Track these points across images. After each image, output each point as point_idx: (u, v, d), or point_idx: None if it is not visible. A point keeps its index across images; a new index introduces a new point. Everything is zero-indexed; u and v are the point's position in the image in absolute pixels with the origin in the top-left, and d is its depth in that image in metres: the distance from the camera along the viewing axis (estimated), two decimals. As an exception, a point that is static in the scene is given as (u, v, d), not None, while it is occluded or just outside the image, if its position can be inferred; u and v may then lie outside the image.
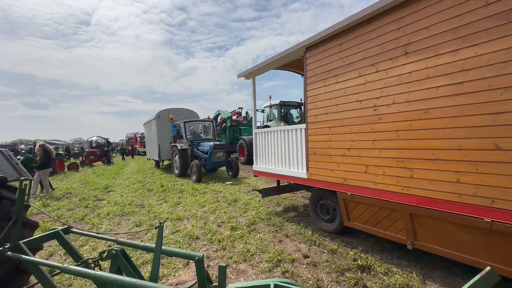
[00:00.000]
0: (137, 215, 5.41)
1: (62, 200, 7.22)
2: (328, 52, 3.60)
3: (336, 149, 3.52)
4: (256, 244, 3.64)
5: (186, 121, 11.01)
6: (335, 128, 3.53)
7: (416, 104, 2.63)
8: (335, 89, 3.50)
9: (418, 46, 2.60)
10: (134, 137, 34.44)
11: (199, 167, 9.10)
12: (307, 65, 3.97)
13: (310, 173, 4.00)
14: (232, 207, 5.72)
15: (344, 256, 3.23)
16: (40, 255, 3.65)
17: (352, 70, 3.27)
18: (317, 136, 3.83)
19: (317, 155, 3.83)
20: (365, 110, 3.13)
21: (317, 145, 3.83)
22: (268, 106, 12.91)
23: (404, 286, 2.56)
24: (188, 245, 3.79)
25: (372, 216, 3.22)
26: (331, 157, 3.59)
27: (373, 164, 3.05)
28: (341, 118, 3.43)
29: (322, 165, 3.77)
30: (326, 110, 3.65)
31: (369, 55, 3.07)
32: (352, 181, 3.32)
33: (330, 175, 3.63)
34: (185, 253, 1.65)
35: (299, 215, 5.00)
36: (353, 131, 3.28)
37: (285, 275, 2.85)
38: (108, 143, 21.26)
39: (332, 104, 3.55)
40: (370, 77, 3.06)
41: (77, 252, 1.85)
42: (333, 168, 3.57)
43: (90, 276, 1.30)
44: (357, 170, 3.25)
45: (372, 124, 3.05)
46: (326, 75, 3.64)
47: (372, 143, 3.06)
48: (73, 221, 5.23)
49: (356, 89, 3.22)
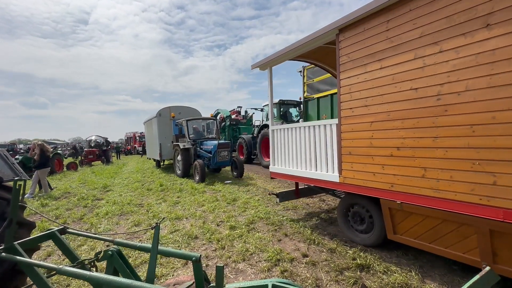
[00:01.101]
0: (136, 215, 5.40)
1: (60, 200, 7.20)
2: (370, 32, 3.03)
3: (381, 148, 2.96)
4: (255, 243, 3.62)
5: (188, 119, 10.68)
6: (379, 123, 2.97)
7: (504, 90, 2.06)
8: (380, 76, 2.94)
9: (506, 15, 2.04)
10: (134, 137, 34.43)
11: (203, 167, 8.77)
12: (340, 50, 3.39)
13: (344, 177, 3.43)
14: (231, 206, 5.71)
15: (343, 255, 3.22)
16: (38, 255, 3.63)
17: (404, 52, 2.70)
18: (354, 133, 3.26)
19: (354, 155, 3.28)
20: (423, 100, 2.56)
21: (354, 144, 3.28)
22: (267, 105, 12.90)
23: (403, 285, 2.55)
24: (187, 244, 3.78)
25: (429, 230, 2.68)
26: (373, 158, 3.04)
27: (434, 166, 2.49)
28: (387, 111, 2.87)
29: (360, 167, 3.21)
30: (367, 102, 3.08)
31: (429, 32, 2.50)
32: (403, 187, 2.77)
33: (371, 179, 3.07)
34: (183, 253, 1.64)
35: (298, 214, 4.99)
36: (404, 126, 2.73)
37: (284, 275, 2.84)
38: (107, 143, 21.21)
39: (375, 95, 2.99)
40: (431, 59, 2.48)
41: (73, 253, 1.83)
42: (376, 171, 3.02)
43: (86, 277, 1.28)
44: (410, 173, 2.70)
45: (434, 117, 2.48)
46: (366, 60, 3.07)
47: (433, 140, 2.50)
48: (72, 221, 5.21)
49: (410, 75, 2.66)
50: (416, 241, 2.82)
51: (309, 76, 10.26)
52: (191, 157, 9.99)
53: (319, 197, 6.06)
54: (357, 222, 3.60)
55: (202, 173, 8.69)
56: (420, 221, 2.74)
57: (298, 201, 5.87)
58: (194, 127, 10.77)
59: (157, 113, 12.20)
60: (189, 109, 13.06)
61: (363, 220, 3.53)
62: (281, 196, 4.85)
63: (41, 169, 8.02)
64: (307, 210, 5.17)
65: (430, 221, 2.65)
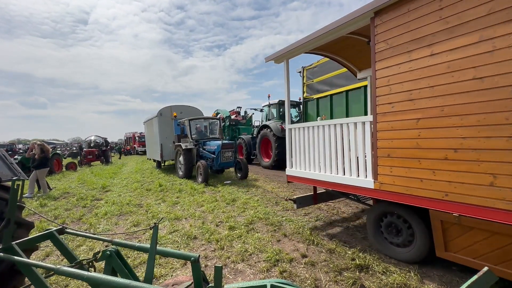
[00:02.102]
0: (135, 215, 5.39)
1: (59, 200, 7.19)
2: (417, 13, 2.61)
3: (431, 149, 2.53)
4: (254, 244, 3.62)
5: (191, 118, 10.36)
6: (428, 119, 2.53)
7: None
8: (431, 64, 2.50)
9: None
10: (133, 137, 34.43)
11: (206, 168, 8.49)
12: (377, 35, 2.98)
13: (380, 182, 2.99)
14: (230, 206, 5.70)
15: (342, 256, 3.22)
16: (36, 255, 3.62)
17: (465, 34, 2.27)
18: (394, 132, 2.83)
19: (394, 158, 2.84)
20: (492, 92, 2.14)
21: (394, 144, 2.84)
22: (267, 105, 12.91)
23: (402, 286, 2.55)
24: (186, 244, 3.77)
25: (497, 250, 2.25)
26: (420, 162, 2.60)
27: (508, 173, 2.08)
28: (440, 106, 2.44)
29: (402, 171, 2.77)
30: (412, 95, 2.65)
31: (501, 8, 2.08)
32: (461, 197, 2.34)
33: (418, 187, 2.63)
34: (181, 254, 1.64)
35: (297, 215, 4.99)
36: (464, 124, 2.30)
37: (283, 275, 2.84)
38: (106, 143, 21.20)
39: (424, 86, 2.56)
40: (504, 41, 2.07)
41: (71, 253, 1.83)
42: (424, 177, 2.58)
43: (83, 277, 1.28)
44: (473, 181, 2.26)
45: (508, 112, 2.08)
46: (412, 45, 2.64)
47: (506, 141, 2.09)
48: (71, 221, 5.20)
49: (474, 61, 2.24)
50: (477, 262, 2.37)
51: (308, 77, 10.28)
52: (194, 157, 9.76)
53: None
54: (393, 234, 3.17)
55: (205, 175, 8.42)
56: (484, 239, 2.30)
57: (298, 202, 5.86)
58: (196, 127, 10.53)
59: (158, 113, 11.96)
60: (190, 108, 12.76)
61: (399, 232, 3.10)
62: (298, 202, 4.42)
63: (40, 169, 8.01)
64: (306, 211, 5.17)
65: (499, 239, 2.21)
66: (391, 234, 3.19)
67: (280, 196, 6.42)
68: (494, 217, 2.16)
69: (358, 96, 8.34)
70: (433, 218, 2.60)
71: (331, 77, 9.48)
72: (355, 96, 8.50)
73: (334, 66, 9.45)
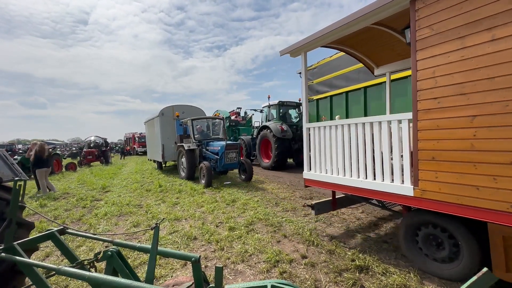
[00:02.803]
0: (135, 216, 5.39)
1: (59, 200, 7.18)
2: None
3: (490, 152, 2.15)
4: (254, 245, 3.63)
5: (194, 118, 10.02)
6: (487, 117, 2.16)
7: None
8: (489, 52, 2.13)
9: None
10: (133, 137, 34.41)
11: (209, 170, 8.20)
12: (418, 21, 2.61)
13: (422, 190, 2.61)
14: (230, 207, 5.71)
15: (342, 257, 3.23)
16: (36, 255, 3.62)
17: None
18: (441, 132, 2.45)
19: (440, 161, 2.46)
20: None
21: (440, 146, 2.46)
22: (267, 106, 12.92)
23: (401, 286, 2.56)
24: (186, 245, 3.77)
25: None
26: (476, 166, 2.23)
27: None
28: (503, 100, 2.07)
29: (451, 177, 2.38)
30: (464, 89, 2.28)
31: None
32: None
33: (473, 196, 2.26)
34: (182, 254, 1.64)
35: (297, 216, 4.99)
36: None
37: (283, 276, 2.85)
38: (106, 143, 21.20)
39: (481, 78, 2.19)
40: None
41: (73, 253, 1.83)
42: (482, 184, 2.20)
43: (85, 277, 1.29)
44: None
45: None
46: (466, 30, 2.26)
47: None
48: (71, 222, 5.20)
49: None
50: None
51: (308, 78, 10.30)
52: (196, 158, 9.51)
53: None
54: (432, 248, 2.80)
55: (209, 176, 8.15)
56: None
57: (297, 202, 5.87)
58: (198, 127, 10.32)
59: (160, 112, 11.76)
60: (193, 108, 12.56)
61: (440, 245, 2.74)
62: (317, 208, 4.11)
63: (38, 169, 8.00)
64: (306, 212, 5.18)
65: None
66: (430, 247, 2.82)
67: (280, 197, 6.43)
68: None
69: (358, 97, 8.38)
70: (492, 233, 2.22)
71: (331, 78, 9.51)
72: (355, 97, 8.54)
73: (333, 68, 9.49)
